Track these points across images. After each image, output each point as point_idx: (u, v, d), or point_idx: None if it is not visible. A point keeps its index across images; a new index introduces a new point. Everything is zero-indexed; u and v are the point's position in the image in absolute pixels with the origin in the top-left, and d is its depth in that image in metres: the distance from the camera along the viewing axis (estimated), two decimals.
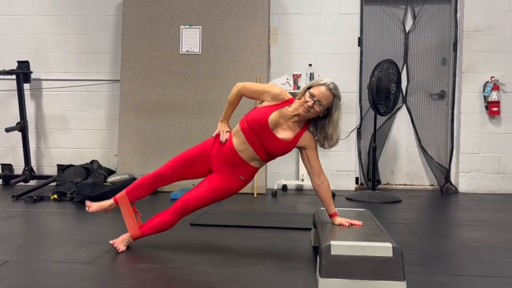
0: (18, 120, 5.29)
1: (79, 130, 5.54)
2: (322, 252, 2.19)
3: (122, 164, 5.13)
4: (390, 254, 2.15)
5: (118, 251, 2.77)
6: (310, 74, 4.94)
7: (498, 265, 2.64)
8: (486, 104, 5.14)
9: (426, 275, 2.43)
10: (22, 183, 5.28)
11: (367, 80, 4.84)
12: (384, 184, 5.49)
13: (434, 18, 5.38)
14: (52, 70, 5.55)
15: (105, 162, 5.39)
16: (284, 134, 2.64)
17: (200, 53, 5.17)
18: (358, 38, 5.32)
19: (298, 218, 3.74)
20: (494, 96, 5.06)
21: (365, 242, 2.22)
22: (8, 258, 2.65)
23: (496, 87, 5.07)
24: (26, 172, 5.28)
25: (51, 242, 3.03)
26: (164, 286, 2.24)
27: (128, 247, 2.83)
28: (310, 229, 3.14)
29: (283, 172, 5.34)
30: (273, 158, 2.76)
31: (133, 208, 2.85)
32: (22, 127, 5.25)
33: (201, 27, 5.18)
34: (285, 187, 5.27)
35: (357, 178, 5.43)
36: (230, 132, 2.77)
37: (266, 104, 2.67)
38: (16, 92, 5.30)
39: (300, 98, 2.62)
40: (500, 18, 5.12)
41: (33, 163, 5.48)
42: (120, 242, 2.81)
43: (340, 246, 2.18)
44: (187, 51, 5.18)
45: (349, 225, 2.57)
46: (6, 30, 5.55)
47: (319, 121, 2.66)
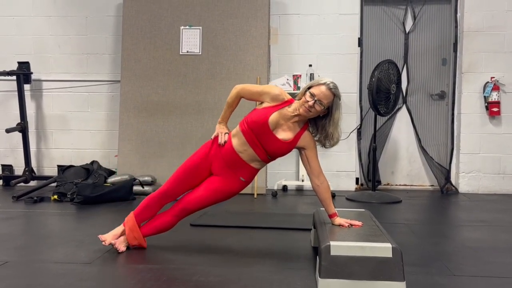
0: (19, 121, 5.30)
1: (80, 130, 5.55)
2: (321, 252, 2.19)
3: (122, 164, 5.13)
4: (389, 254, 2.15)
5: (118, 252, 2.77)
6: (310, 74, 4.94)
7: (498, 265, 2.64)
8: (486, 104, 5.14)
9: (426, 276, 2.43)
10: (22, 184, 5.29)
11: (367, 80, 4.84)
12: (384, 184, 5.49)
13: (434, 19, 5.38)
14: (52, 70, 5.55)
15: (105, 162, 5.40)
16: (284, 134, 2.64)
17: (200, 53, 5.17)
18: (358, 38, 5.32)
19: (298, 219, 3.74)
20: (494, 96, 5.06)
21: (364, 242, 2.22)
22: (8, 259, 2.65)
23: (496, 88, 5.07)
24: (27, 172, 5.28)
25: (51, 243, 3.03)
26: (164, 287, 2.24)
27: (128, 248, 2.83)
28: (310, 229, 3.14)
29: (283, 172, 5.34)
30: (273, 159, 2.77)
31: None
32: (22, 128, 5.26)
33: (201, 28, 5.18)
34: (285, 188, 5.27)
35: (357, 179, 5.43)
36: (228, 133, 2.77)
37: (266, 105, 2.67)
38: (16, 93, 5.31)
39: (300, 99, 2.62)
40: (500, 18, 5.13)
41: (33, 164, 5.48)
42: (120, 243, 2.81)
43: (339, 247, 2.17)
44: (187, 52, 5.18)
45: (348, 225, 2.57)
46: (7, 31, 5.56)
47: (320, 121, 2.67)
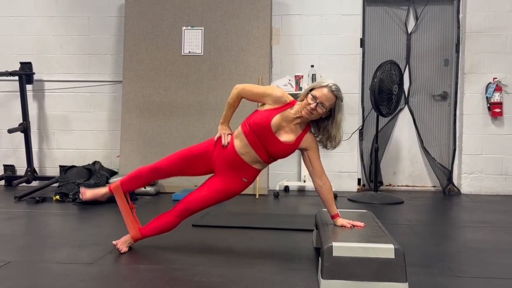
0: (21, 121, 5.30)
1: (82, 131, 5.55)
2: (324, 253, 2.19)
3: (124, 165, 5.13)
4: (392, 255, 2.14)
5: (120, 252, 2.78)
6: (312, 75, 4.94)
7: (500, 266, 2.63)
8: (488, 105, 5.13)
9: (428, 277, 2.43)
10: (24, 184, 5.29)
11: (369, 81, 4.83)
12: (386, 185, 5.48)
13: (436, 19, 5.37)
14: (54, 71, 5.56)
15: (107, 163, 5.40)
16: (286, 136, 2.64)
17: (202, 54, 5.17)
18: (360, 39, 5.31)
19: (300, 219, 3.73)
20: (496, 97, 5.05)
21: (367, 243, 2.21)
22: (10, 259, 2.66)
23: (498, 88, 5.06)
24: (29, 173, 5.29)
25: (53, 243, 3.03)
26: (166, 287, 2.24)
27: (130, 248, 2.83)
28: (312, 230, 3.14)
29: (285, 173, 5.34)
30: (275, 160, 2.76)
31: (129, 204, 2.85)
32: (24, 128, 5.27)
33: (203, 28, 5.18)
34: (287, 188, 5.27)
35: (359, 179, 5.42)
36: (231, 134, 2.77)
37: (268, 107, 2.65)
38: (18, 93, 5.32)
39: (302, 100, 2.61)
40: (502, 19, 5.12)
41: (35, 164, 5.49)
42: (122, 243, 2.81)
43: (342, 248, 2.17)
44: (189, 52, 5.19)
45: (351, 226, 2.57)
46: (9, 31, 5.57)
47: (322, 122, 2.66)
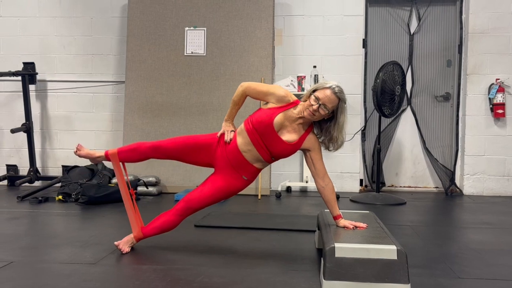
0: (24, 121, 5.32)
1: (84, 131, 5.56)
2: (326, 254, 2.18)
3: (126, 165, 5.12)
4: (394, 256, 2.14)
5: (123, 253, 2.78)
6: (315, 76, 4.93)
7: (503, 268, 2.63)
8: (491, 106, 5.12)
9: (430, 278, 2.42)
10: (27, 184, 5.30)
11: (372, 82, 4.83)
12: (388, 186, 5.48)
13: (439, 20, 5.37)
14: (57, 71, 5.57)
15: (109, 163, 5.39)
16: (288, 136, 2.64)
17: (204, 54, 5.18)
18: (363, 39, 5.31)
19: (302, 220, 3.73)
20: (499, 98, 5.05)
21: (369, 244, 2.21)
22: (13, 259, 2.67)
23: (501, 89, 5.05)
24: (31, 173, 5.30)
25: (56, 243, 3.04)
26: (168, 287, 2.25)
27: (132, 248, 2.84)
28: (314, 231, 3.14)
29: (287, 173, 5.34)
30: (276, 159, 2.77)
31: (130, 191, 2.87)
32: (27, 128, 5.28)
33: (205, 29, 5.19)
34: (289, 189, 5.26)
35: (361, 180, 5.42)
36: (234, 131, 2.77)
37: (271, 105, 2.66)
38: (21, 93, 5.33)
39: (305, 101, 2.61)
40: (505, 20, 5.11)
41: (38, 164, 5.50)
42: (124, 244, 2.82)
43: (344, 249, 2.17)
44: (192, 53, 5.19)
45: (353, 227, 2.56)
46: (12, 31, 5.58)
47: (324, 123, 2.66)
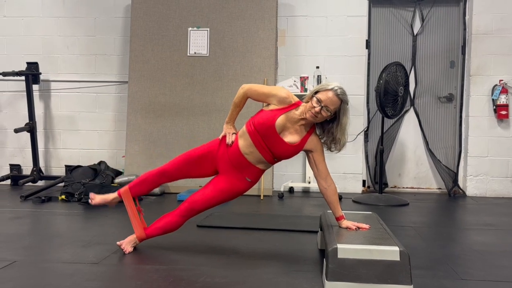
0: (27, 121, 5.34)
1: (87, 131, 5.58)
2: (328, 255, 2.18)
3: (129, 165, 5.15)
4: (397, 258, 2.14)
5: (125, 252, 2.78)
6: (318, 76, 4.93)
7: (506, 269, 2.62)
8: (494, 107, 5.11)
9: (433, 279, 2.42)
10: (30, 184, 5.32)
11: (375, 82, 4.82)
12: (391, 187, 5.47)
13: (442, 21, 5.36)
14: (60, 71, 5.59)
15: (112, 163, 5.42)
16: (290, 137, 2.64)
17: (207, 55, 5.18)
18: (366, 40, 5.31)
19: (305, 221, 3.73)
20: (502, 99, 5.03)
21: (372, 245, 2.21)
22: (16, 258, 2.67)
23: (504, 91, 5.04)
24: (35, 172, 5.31)
25: (59, 243, 3.04)
26: (170, 287, 2.25)
27: (135, 248, 2.84)
28: (316, 231, 3.14)
29: (290, 174, 5.34)
30: (279, 160, 2.77)
31: (137, 207, 2.86)
32: (30, 128, 5.29)
33: (209, 29, 5.19)
34: (291, 190, 5.26)
35: (364, 181, 5.41)
36: (236, 134, 2.77)
37: (273, 107, 2.65)
38: (25, 93, 5.35)
39: (307, 102, 2.61)
40: (509, 21, 5.09)
41: (41, 164, 5.52)
42: (127, 243, 2.82)
43: (347, 250, 2.17)
44: (195, 53, 5.20)
45: (356, 228, 2.56)
46: (16, 31, 5.60)
47: (326, 124, 2.65)
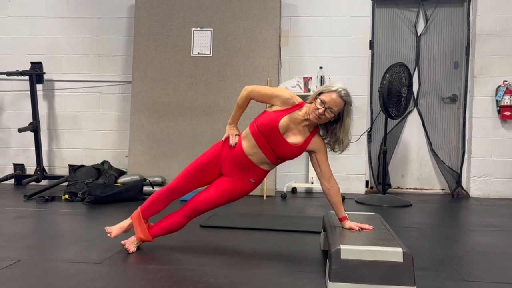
0: (31, 120, 5.35)
1: (91, 131, 5.59)
2: (331, 256, 2.18)
3: (132, 165, 5.16)
4: (400, 259, 2.14)
5: (129, 252, 2.79)
6: (321, 77, 4.93)
7: (509, 271, 2.62)
8: (498, 108, 5.10)
9: (436, 281, 2.42)
10: (34, 183, 5.33)
11: (378, 83, 4.82)
12: (394, 187, 5.46)
13: (446, 22, 5.35)
14: (64, 71, 5.60)
15: (116, 163, 5.43)
16: (294, 138, 2.63)
17: (211, 55, 5.19)
18: (370, 41, 5.30)
19: (308, 221, 3.73)
20: (506, 100, 5.02)
21: (375, 246, 2.21)
22: (19, 258, 2.68)
23: (508, 91, 5.02)
24: (38, 172, 5.32)
25: (62, 242, 3.05)
26: (173, 287, 2.25)
27: (138, 248, 2.85)
28: (319, 232, 3.14)
29: (293, 174, 5.33)
30: (282, 161, 2.77)
31: (147, 224, 2.86)
32: (34, 128, 5.31)
33: (212, 30, 5.19)
34: (294, 190, 5.26)
35: (367, 182, 5.41)
36: (239, 135, 2.77)
37: (276, 108, 2.65)
38: (29, 92, 5.36)
39: (311, 102, 2.60)
40: None
41: (45, 163, 5.53)
42: (130, 243, 2.83)
43: (350, 250, 2.17)
44: (198, 53, 5.20)
45: (359, 229, 2.56)
46: (20, 31, 5.62)
47: (330, 125, 2.65)
